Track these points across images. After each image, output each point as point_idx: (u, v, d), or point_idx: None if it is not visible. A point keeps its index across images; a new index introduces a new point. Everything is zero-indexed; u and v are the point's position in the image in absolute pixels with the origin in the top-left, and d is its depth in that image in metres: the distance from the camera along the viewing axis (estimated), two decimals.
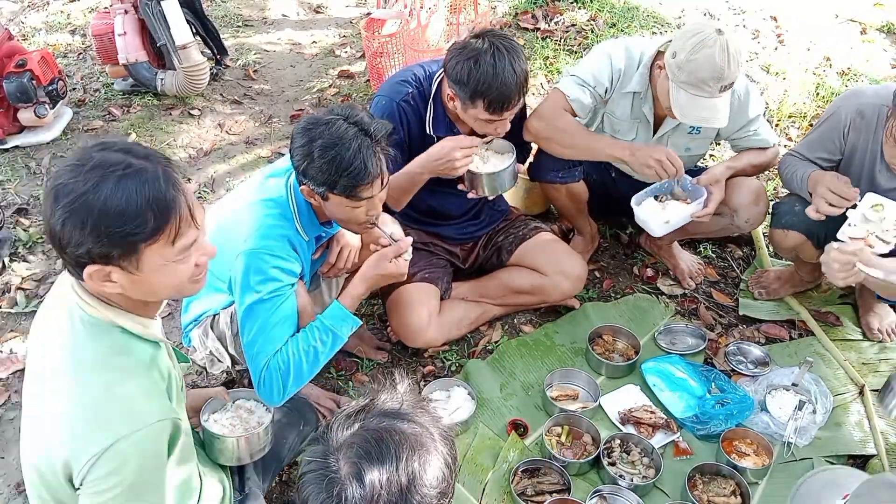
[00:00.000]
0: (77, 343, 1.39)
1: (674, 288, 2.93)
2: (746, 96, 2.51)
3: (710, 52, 2.18)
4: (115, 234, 1.28)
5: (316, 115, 1.91)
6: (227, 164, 3.58)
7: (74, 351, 1.39)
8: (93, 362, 1.38)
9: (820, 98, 3.96)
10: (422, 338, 2.52)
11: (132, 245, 1.31)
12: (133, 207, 1.28)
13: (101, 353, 1.38)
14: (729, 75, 2.21)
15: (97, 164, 1.29)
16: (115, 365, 1.38)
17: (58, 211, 1.28)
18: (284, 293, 1.92)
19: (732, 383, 2.49)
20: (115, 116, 3.84)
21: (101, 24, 3.79)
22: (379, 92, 2.48)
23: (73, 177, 1.28)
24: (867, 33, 4.71)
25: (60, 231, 1.28)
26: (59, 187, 1.29)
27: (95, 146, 1.34)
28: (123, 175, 1.29)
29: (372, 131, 1.86)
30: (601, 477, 2.24)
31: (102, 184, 1.27)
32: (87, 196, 1.27)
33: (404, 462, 1.08)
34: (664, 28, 4.56)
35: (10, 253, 2.99)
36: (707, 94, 2.24)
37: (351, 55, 4.42)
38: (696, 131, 2.58)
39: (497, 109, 2.21)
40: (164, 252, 1.35)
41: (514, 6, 4.74)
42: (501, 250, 2.74)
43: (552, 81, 4.04)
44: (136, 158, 1.32)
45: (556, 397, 2.44)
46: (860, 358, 2.64)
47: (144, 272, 1.35)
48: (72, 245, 1.29)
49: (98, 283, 1.34)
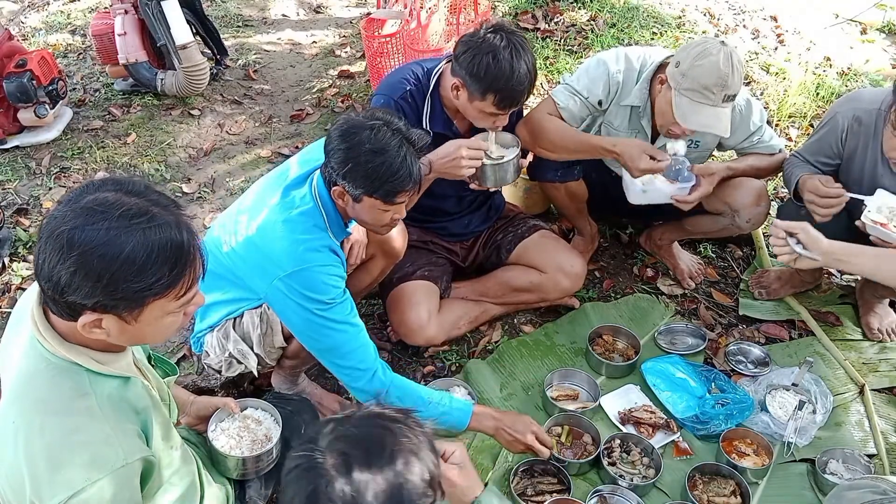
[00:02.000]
0: (38, 384, 1.33)
1: (674, 288, 2.93)
2: (748, 109, 2.50)
3: (715, 59, 2.19)
4: (129, 289, 1.23)
5: (355, 120, 1.91)
6: (227, 164, 3.58)
7: (35, 390, 1.33)
8: (55, 405, 1.31)
9: (820, 98, 3.96)
10: (422, 336, 2.52)
11: (142, 299, 1.26)
12: (153, 264, 1.22)
13: (62, 396, 1.31)
14: (732, 84, 2.21)
15: (116, 213, 1.21)
16: (76, 409, 1.31)
17: (70, 259, 1.19)
18: (346, 296, 1.99)
19: (732, 383, 2.49)
20: (115, 116, 3.84)
21: (101, 24, 3.79)
22: (377, 90, 2.48)
23: (87, 222, 1.20)
24: (867, 33, 4.71)
25: (68, 279, 1.20)
26: (72, 232, 1.19)
27: (107, 184, 1.27)
28: (147, 228, 1.22)
29: (414, 140, 1.90)
30: (601, 477, 2.24)
31: (123, 236, 1.20)
32: (106, 248, 1.19)
33: (391, 459, 1.08)
34: (664, 28, 4.56)
35: (10, 253, 2.99)
36: (710, 102, 2.23)
37: (351, 55, 4.42)
38: (694, 145, 2.57)
39: (507, 106, 2.23)
40: (167, 305, 1.30)
41: (514, 6, 4.74)
42: (500, 248, 2.74)
43: (552, 82, 4.04)
44: (156, 207, 1.26)
45: (556, 397, 2.44)
46: (860, 358, 2.64)
47: (140, 323, 1.30)
48: (76, 294, 1.22)
49: (87, 330, 1.27)
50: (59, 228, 1.21)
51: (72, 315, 1.27)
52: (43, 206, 3.25)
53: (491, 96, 2.20)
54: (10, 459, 1.31)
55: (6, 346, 1.45)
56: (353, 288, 2.47)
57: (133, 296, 1.24)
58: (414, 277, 2.53)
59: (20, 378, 1.35)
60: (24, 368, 1.35)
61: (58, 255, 1.20)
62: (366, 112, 1.96)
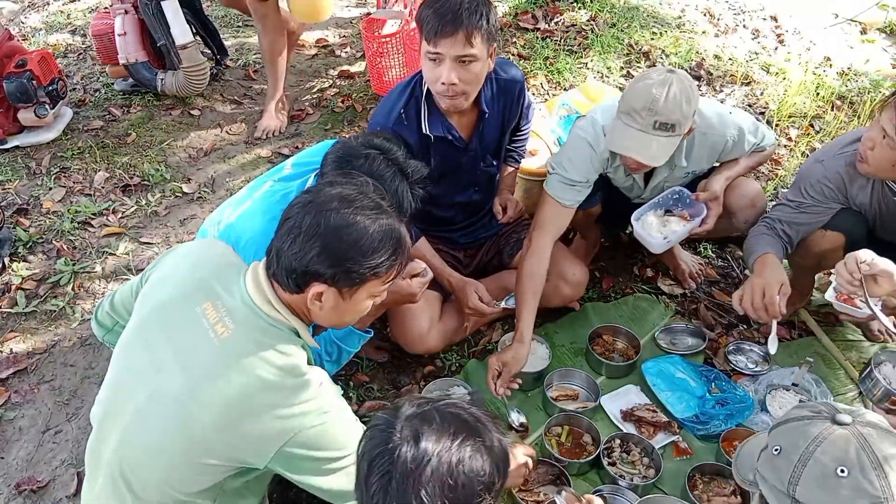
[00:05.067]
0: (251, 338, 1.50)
1: (674, 288, 2.93)
2: (741, 137, 2.47)
3: (649, 83, 2.16)
4: (361, 265, 1.47)
5: (351, 146, 1.92)
6: (227, 164, 3.58)
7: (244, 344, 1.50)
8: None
9: (820, 98, 3.96)
10: (422, 346, 2.52)
11: (364, 278, 1.49)
12: (383, 247, 1.48)
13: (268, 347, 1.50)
14: (663, 110, 2.13)
15: (359, 203, 1.49)
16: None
17: (320, 236, 1.44)
18: None
19: (732, 383, 2.49)
20: (115, 116, 3.84)
21: (101, 24, 3.79)
22: (371, 122, 2.45)
23: (338, 208, 1.47)
24: (867, 33, 4.71)
25: (318, 252, 1.44)
26: (327, 215, 1.46)
27: (342, 181, 1.60)
28: (380, 218, 1.50)
29: (409, 171, 1.92)
30: (601, 477, 2.24)
31: (366, 222, 1.47)
32: (352, 230, 1.46)
33: (459, 442, 1.15)
34: (664, 28, 4.57)
35: (10, 253, 2.99)
36: (637, 126, 2.18)
37: (351, 55, 4.42)
38: (690, 174, 2.57)
39: (431, 34, 2.10)
40: (375, 288, 1.54)
41: (514, 6, 4.74)
42: (503, 252, 2.74)
43: (552, 81, 4.05)
44: (384, 201, 1.56)
45: (556, 397, 2.44)
46: (860, 358, 2.64)
47: (352, 301, 1.52)
48: (320, 265, 1.45)
49: (310, 300, 1.49)
50: (310, 212, 1.47)
51: (299, 287, 1.49)
52: (43, 206, 3.25)
53: (422, 31, 2.13)
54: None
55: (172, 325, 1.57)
56: None
57: (360, 273, 1.47)
58: None
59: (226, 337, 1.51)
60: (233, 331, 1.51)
61: (309, 233, 1.45)
62: (365, 138, 1.97)
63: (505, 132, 2.53)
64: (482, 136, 2.44)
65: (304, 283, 1.48)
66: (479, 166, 2.53)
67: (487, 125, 2.43)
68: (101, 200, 3.31)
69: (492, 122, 2.44)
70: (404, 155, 1.92)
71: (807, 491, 1.26)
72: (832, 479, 1.24)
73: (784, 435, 1.34)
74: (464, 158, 2.47)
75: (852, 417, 1.29)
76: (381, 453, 1.16)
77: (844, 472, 1.23)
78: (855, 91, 4.11)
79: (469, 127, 2.41)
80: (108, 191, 3.37)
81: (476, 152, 2.48)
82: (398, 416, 1.20)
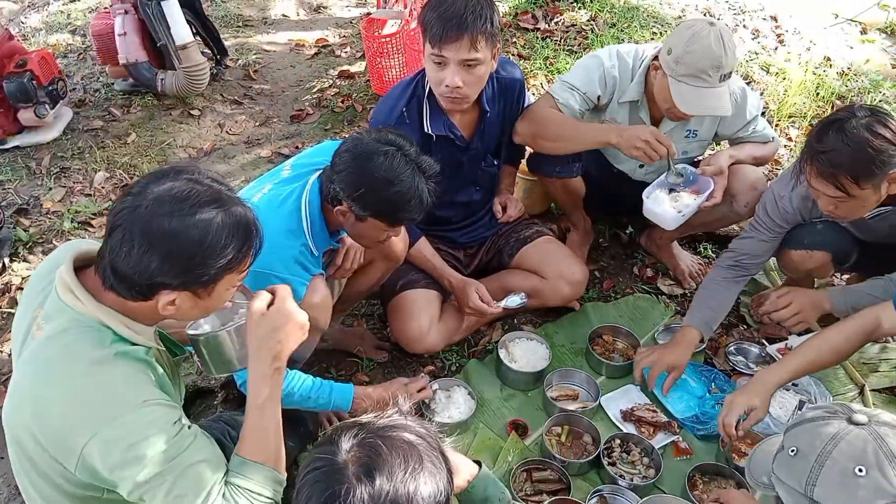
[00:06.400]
0: (70, 341, 1.39)
1: (674, 288, 2.93)
2: (743, 98, 2.52)
3: (707, 42, 2.22)
4: (212, 266, 1.35)
5: (366, 142, 1.90)
6: (227, 164, 3.58)
7: (71, 346, 1.39)
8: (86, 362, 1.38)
9: (820, 98, 3.96)
10: (421, 345, 2.52)
11: (220, 276, 1.38)
12: (231, 242, 1.36)
13: (96, 354, 1.38)
14: (726, 63, 2.25)
15: (195, 200, 1.34)
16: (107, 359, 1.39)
17: (159, 246, 1.30)
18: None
19: (732, 383, 2.49)
20: (115, 116, 3.84)
21: (101, 24, 3.79)
22: (373, 120, 2.45)
23: (171, 210, 1.31)
24: (867, 33, 4.71)
25: (159, 265, 1.31)
26: (159, 220, 1.30)
27: (170, 174, 1.38)
28: (222, 210, 1.36)
29: (425, 168, 1.91)
30: (601, 477, 2.24)
31: (206, 220, 1.33)
32: (194, 233, 1.32)
33: (411, 470, 1.10)
34: (664, 28, 4.56)
35: (10, 253, 2.99)
36: (708, 84, 2.27)
37: (351, 55, 4.42)
38: (692, 135, 2.59)
39: (435, 39, 2.12)
40: (234, 279, 1.43)
41: (514, 6, 4.74)
42: (503, 252, 2.74)
43: (552, 81, 4.04)
44: (223, 189, 1.41)
45: (556, 397, 2.44)
46: (860, 358, 2.64)
47: (212, 297, 1.42)
48: (165, 276, 1.33)
49: (162, 308, 1.38)
50: (140, 219, 1.31)
51: (146, 296, 1.37)
52: (43, 206, 3.25)
53: (427, 34, 2.15)
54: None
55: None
56: (352, 291, 2.48)
57: (212, 274, 1.36)
58: (419, 285, 2.53)
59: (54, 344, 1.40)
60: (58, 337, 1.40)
61: (144, 244, 1.30)
62: (378, 134, 1.94)
63: (505, 131, 2.54)
64: (483, 135, 2.45)
65: (151, 294, 1.37)
66: (479, 165, 2.53)
67: (489, 124, 2.44)
68: (101, 200, 3.31)
69: (493, 121, 2.45)
70: (417, 151, 1.92)
71: (825, 491, 1.26)
72: (850, 478, 1.24)
73: (800, 436, 1.34)
74: (465, 157, 2.47)
75: (868, 417, 1.30)
76: (331, 495, 1.07)
77: (862, 471, 1.23)
78: (855, 91, 4.11)
79: (470, 126, 2.42)
80: (108, 191, 3.37)
81: (477, 151, 2.48)
82: (338, 453, 1.11)
